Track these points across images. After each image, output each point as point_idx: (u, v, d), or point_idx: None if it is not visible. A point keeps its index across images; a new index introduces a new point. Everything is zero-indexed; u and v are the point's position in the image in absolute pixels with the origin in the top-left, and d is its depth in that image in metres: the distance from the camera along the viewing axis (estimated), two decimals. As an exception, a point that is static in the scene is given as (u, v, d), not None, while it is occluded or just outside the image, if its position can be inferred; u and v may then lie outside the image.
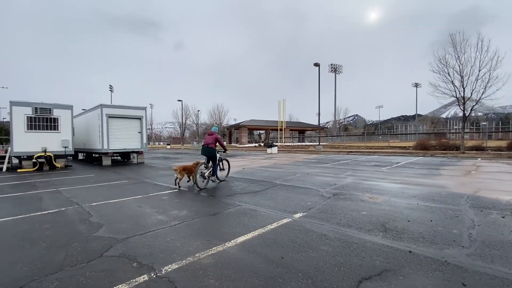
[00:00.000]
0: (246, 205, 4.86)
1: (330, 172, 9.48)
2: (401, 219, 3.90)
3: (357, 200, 5.07)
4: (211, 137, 7.23)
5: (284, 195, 5.62)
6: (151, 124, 67.40)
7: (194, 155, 22.43)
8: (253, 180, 7.80)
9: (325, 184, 6.92)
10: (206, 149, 7.13)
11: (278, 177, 8.38)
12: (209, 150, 7.11)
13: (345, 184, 6.89)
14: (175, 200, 5.41)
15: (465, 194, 5.50)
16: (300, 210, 4.43)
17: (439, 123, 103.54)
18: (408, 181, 7.18)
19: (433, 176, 8.07)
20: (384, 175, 8.43)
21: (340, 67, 77.62)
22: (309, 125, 64.47)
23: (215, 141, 7.22)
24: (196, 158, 19.05)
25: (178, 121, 48.53)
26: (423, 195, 5.48)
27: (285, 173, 9.23)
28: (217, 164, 7.46)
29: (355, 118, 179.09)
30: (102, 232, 3.57)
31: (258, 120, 56.10)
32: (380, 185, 6.73)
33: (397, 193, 5.71)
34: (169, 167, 12.51)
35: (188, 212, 4.46)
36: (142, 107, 15.52)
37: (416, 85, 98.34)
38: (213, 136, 7.28)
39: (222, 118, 43.98)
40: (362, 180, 7.45)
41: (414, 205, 4.65)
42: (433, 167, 10.65)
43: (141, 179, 8.57)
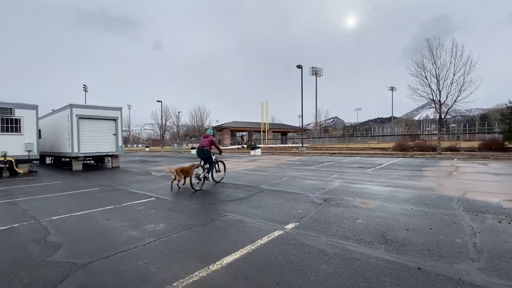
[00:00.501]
0: (231, 215, 4.41)
1: (317, 175, 9.25)
2: (400, 227, 3.64)
3: (349, 206, 4.79)
4: (207, 140, 7.33)
5: (272, 202, 5.23)
6: (128, 126, 64.70)
7: (174, 158, 21.53)
8: (238, 185, 7.35)
9: (314, 188, 6.63)
10: (201, 151, 7.25)
11: (264, 181, 7.99)
12: (205, 152, 7.23)
13: (334, 188, 6.64)
14: (152, 211, 4.84)
15: (455, 197, 5.41)
16: (291, 220, 4.05)
17: (413, 125, 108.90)
18: (396, 184, 7.08)
19: (418, 178, 8.07)
20: (371, 178, 8.32)
21: (321, 70, 79.24)
22: (291, 126, 64.99)
23: (210, 144, 7.33)
24: (177, 161, 18.28)
25: (157, 122, 46.82)
26: (414, 198, 5.32)
27: (271, 177, 8.86)
28: (213, 165, 7.59)
29: (334, 120, 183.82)
30: (59, 255, 2.97)
31: (241, 121, 55.62)
32: (369, 188, 6.55)
33: (388, 197, 5.52)
34: (147, 171, 11.73)
35: (165, 226, 3.93)
36: (117, 108, 14.53)
37: (391, 88, 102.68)
38: (208, 138, 7.36)
39: (203, 119, 43.03)
40: (350, 184, 7.25)
41: (408, 211, 4.45)
42: (415, 168, 10.79)
43: (114, 186, 7.82)
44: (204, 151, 7.24)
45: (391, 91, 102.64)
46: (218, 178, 8.04)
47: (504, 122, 18.53)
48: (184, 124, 62.35)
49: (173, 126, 50.51)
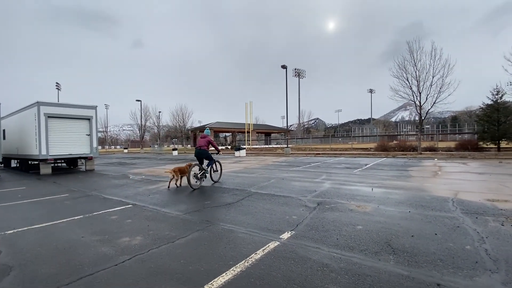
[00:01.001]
0: (219, 224, 3.96)
1: (305, 176, 8.98)
2: (403, 233, 3.37)
3: (345, 210, 4.49)
4: (204, 140, 7.51)
5: (263, 208, 4.82)
6: (106, 126, 61.73)
7: (154, 160, 20.55)
8: (224, 189, 6.88)
9: (305, 191, 6.31)
10: (199, 151, 7.42)
11: (252, 183, 7.57)
12: (202, 152, 7.43)
13: (325, 190, 6.36)
14: (127, 221, 4.27)
15: (448, 197, 5.30)
16: (286, 228, 3.67)
17: (390, 126, 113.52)
18: (386, 185, 6.94)
19: (406, 178, 8.01)
20: (360, 178, 8.17)
21: (304, 72, 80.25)
22: (275, 127, 65.13)
23: (208, 144, 7.53)
24: (158, 163, 17.36)
25: (137, 123, 44.90)
26: (408, 200, 5.14)
27: (259, 179, 8.47)
28: (212, 164, 7.80)
29: (316, 121, 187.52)
30: (7, 283, 2.38)
31: (224, 122, 54.86)
32: (361, 190, 6.33)
33: (382, 199, 5.31)
34: (124, 175, 10.92)
35: (143, 239, 3.40)
36: (91, 106, 13.50)
37: (370, 91, 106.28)
38: (205, 139, 7.55)
39: (186, 120, 41.79)
40: (341, 185, 7.02)
41: (407, 214, 4.22)
42: (401, 168, 10.85)
43: (86, 192, 7.07)
44: (202, 151, 7.40)
45: (370, 93, 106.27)
46: (215, 178, 8.14)
47: (479, 123, 19.42)
48: (165, 125, 60.54)
49: (153, 127, 48.73)
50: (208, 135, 7.77)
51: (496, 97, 18.48)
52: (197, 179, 7.09)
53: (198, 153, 7.43)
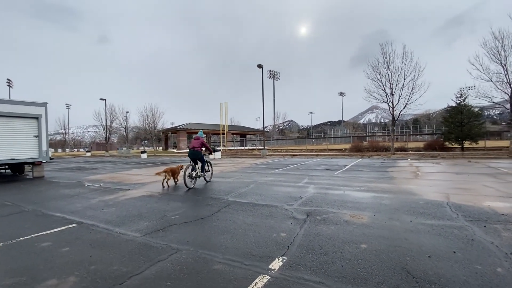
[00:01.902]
0: (189, 249, 3.07)
1: (287, 180, 8.31)
2: (418, 253, 2.77)
3: (340, 222, 3.84)
4: (197, 141, 7.79)
5: (244, 222, 4.00)
6: (65, 128, 56.43)
7: (119, 164, 18.71)
8: (197, 198, 5.94)
9: (289, 197, 5.61)
10: (192, 152, 7.71)
11: (230, 190, 6.71)
12: (196, 153, 7.70)
13: (311, 196, 5.71)
14: (63, 250, 3.20)
15: (443, 202, 4.91)
16: (276, 251, 2.89)
17: (359, 128, 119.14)
18: (373, 188, 6.50)
19: (390, 180, 7.70)
20: (343, 181, 7.69)
21: (278, 74, 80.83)
22: (251, 129, 64.57)
23: (201, 145, 7.83)
24: (122, 167, 15.65)
25: (102, 124, 41.52)
26: (403, 206, 4.65)
27: (237, 184, 7.62)
28: (205, 164, 8.10)
29: (290, 123, 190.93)
30: None
31: (198, 123, 53.01)
32: (348, 195, 5.78)
33: (376, 206, 4.77)
34: (79, 182, 9.43)
35: (77, 282, 2.41)
36: (40, 103, 11.66)
37: (341, 93, 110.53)
38: (199, 140, 7.84)
39: (156, 120, 39.43)
40: (326, 190, 6.44)
41: (409, 225, 3.67)
42: (380, 169, 10.67)
43: (22, 206, 5.69)
44: (195, 152, 7.69)
45: (340, 96, 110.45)
46: (208, 178, 8.42)
47: (444, 124, 20.44)
48: (134, 126, 57.06)
49: (120, 128, 45.47)
50: (202, 137, 8.03)
51: (460, 100, 19.56)
52: (191, 178, 7.36)
53: (192, 154, 7.70)
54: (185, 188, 7.13)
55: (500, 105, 15.23)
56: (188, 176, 7.20)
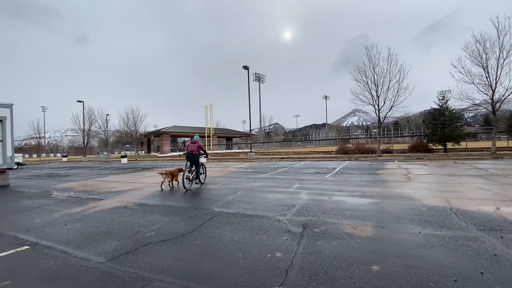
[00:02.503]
0: (160, 279, 2.46)
1: (276, 185, 7.81)
2: (440, 275, 2.32)
3: (343, 236, 3.36)
4: (195, 145, 8.01)
5: (231, 239, 3.43)
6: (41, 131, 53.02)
7: (96, 170, 17.52)
8: (177, 208, 5.29)
9: (281, 206, 5.09)
10: (190, 155, 7.91)
11: (215, 198, 6.11)
12: (193, 156, 7.90)
13: (304, 203, 5.23)
14: (3, 284, 2.49)
15: (445, 208, 4.58)
16: (272, 280, 2.35)
17: (342, 130, 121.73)
18: (368, 193, 6.13)
19: (383, 184, 7.39)
20: (336, 186, 7.30)
21: (264, 77, 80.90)
22: (237, 132, 63.97)
23: (198, 148, 8.06)
24: (99, 173, 14.46)
25: (79, 127, 39.33)
26: (406, 214, 4.26)
27: (223, 191, 7.02)
28: (202, 167, 8.45)
29: (276, 126, 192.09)
30: None
31: (182, 126, 51.69)
32: (344, 201, 5.35)
33: (377, 214, 4.35)
34: (47, 191, 8.47)
35: None
36: (5, 104, 10.55)
37: (325, 97, 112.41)
38: (196, 144, 8.05)
39: (138, 124, 37.84)
40: (320, 196, 5.99)
41: (420, 238, 3.26)
42: (370, 172, 10.43)
43: (-33, 224, 4.80)
44: (193, 155, 7.90)
45: (325, 100, 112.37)
46: (203, 180, 8.66)
47: (428, 126, 20.83)
48: (116, 130, 54.77)
49: (100, 132, 43.34)
50: (198, 141, 8.25)
51: (442, 102, 19.99)
52: (189, 181, 7.64)
53: (190, 157, 7.91)
54: (162, 195, 6.46)
55: (483, 107, 15.60)
56: (186, 178, 7.51)
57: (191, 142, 8.16)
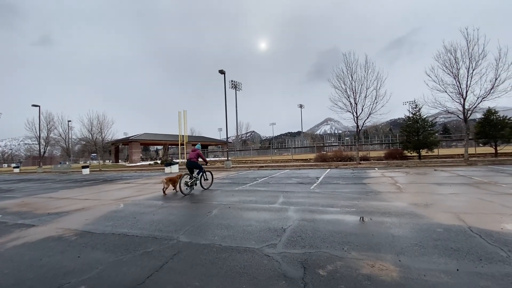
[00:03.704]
0: None
1: (258, 199, 6.75)
2: None
3: (362, 284, 2.38)
4: (194, 153, 8.58)
5: (202, 296, 2.30)
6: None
7: (48, 183, 15.17)
8: (130, 239, 3.99)
9: (268, 231, 4.04)
10: (190, 162, 8.50)
11: (183, 222, 4.88)
12: (192, 163, 8.48)
13: (296, 226, 4.23)
14: None
15: (463, 227, 3.84)
16: None
17: (316, 138, 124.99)
18: (365, 208, 5.30)
19: (376, 196, 6.66)
20: (326, 199, 6.43)
21: (240, 84, 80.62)
22: (212, 139, 62.28)
23: (197, 156, 8.58)
24: (49, 188, 12.25)
25: (35, 134, 35.25)
26: (425, 240, 3.43)
27: (194, 210, 5.81)
28: (202, 174, 8.76)
29: (252, 134, 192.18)
30: None
31: (154, 133, 48.92)
32: (343, 221, 4.44)
33: (388, 240, 3.46)
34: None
35: None
36: None
37: (300, 106, 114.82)
38: (195, 152, 8.60)
39: (104, 131, 34.84)
40: (311, 213, 5.04)
41: (462, 278, 2.39)
42: (356, 181, 9.79)
43: None
44: (192, 162, 8.45)
45: (300, 108, 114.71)
46: (206, 186, 9.09)
47: (403, 133, 21.21)
48: (82, 137, 50.34)
49: (60, 139, 39.31)
50: (198, 149, 8.77)
51: (415, 110, 20.47)
52: (187, 186, 8.11)
53: (190, 164, 8.48)
54: (114, 217, 5.10)
55: (455, 115, 16.00)
56: (184, 183, 8.02)
57: (192, 150, 8.80)
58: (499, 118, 18.56)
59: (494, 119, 18.60)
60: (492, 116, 18.71)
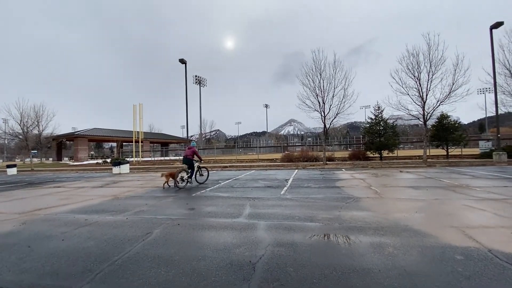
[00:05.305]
0: None
1: (218, 211, 5.37)
2: None
3: None
4: (190, 151, 9.44)
5: None
6: None
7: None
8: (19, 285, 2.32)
9: (230, 269, 2.70)
10: (185, 159, 9.35)
11: (102, 254, 3.27)
12: (188, 160, 9.31)
13: (270, 259, 2.96)
14: None
15: (483, 252, 2.96)
16: None
17: (281, 139, 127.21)
18: (351, 222, 4.28)
19: (357, 203, 5.77)
20: (301, 209, 5.33)
21: (205, 80, 77.53)
22: (174, 137, 58.70)
23: (193, 154, 9.42)
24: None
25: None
26: (450, 275, 2.43)
27: (126, 231, 4.20)
28: (195, 170, 9.68)
29: (217, 133, 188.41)
30: None
31: (105, 129, 44.03)
32: (333, 247, 3.32)
33: (404, 279, 2.39)
34: None
35: None
36: None
37: (266, 106, 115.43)
38: (191, 149, 9.47)
39: (42, 124, 29.85)
40: (288, 232, 3.85)
41: None
42: (328, 184, 8.97)
43: None
44: (187, 159, 9.32)
45: (265, 108, 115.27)
46: (201, 180, 9.99)
47: (366, 135, 21.56)
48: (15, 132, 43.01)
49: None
50: (194, 147, 9.59)
51: (378, 112, 20.89)
52: (182, 181, 8.86)
53: (185, 161, 9.31)
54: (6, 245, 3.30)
55: (415, 117, 16.44)
56: (180, 178, 8.72)
57: (188, 148, 9.59)
58: (451, 122, 19.80)
59: (446, 123, 19.79)
60: (444, 120, 19.89)
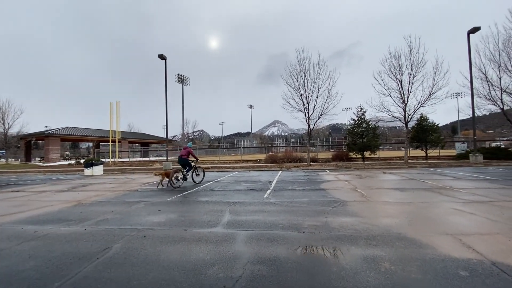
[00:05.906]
0: None
1: (193, 219, 4.81)
2: None
3: None
4: (185, 151, 9.73)
5: None
6: None
7: None
8: None
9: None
10: (180, 159, 9.67)
11: (38, 278, 2.62)
12: (183, 160, 9.62)
13: (248, 283, 2.48)
14: None
15: (487, 264, 2.65)
16: None
17: (265, 139, 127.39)
18: (340, 230, 3.90)
19: (344, 208, 5.43)
20: (285, 215, 4.90)
21: (188, 79, 75.80)
22: (155, 137, 56.79)
23: (188, 154, 9.70)
24: None
25: None
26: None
27: (80, 246, 3.54)
28: (191, 170, 9.97)
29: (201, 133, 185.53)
30: None
31: (80, 128, 41.61)
32: (321, 264, 2.89)
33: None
34: None
35: None
36: None
37: (250, 106, 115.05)
38: (186, 149, 9.77)
39: (8, 122, 27.61)
40: (270, 245, 3.38)
41: None
42: (313, 186, 8.64)
43: None
44: (182, 159, 9.62)
45: (250, 109, 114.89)
46: (197, 180, 10.18)
47: (349, 136, 21.68)
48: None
49: None
50: (189, 147, 9.91)
51: (360, 114, 21.05)
52: (177, 180, 9.10)
53: (180, 161, 9.68)
54: None
55: (397, 119, 16.65)
56: (174, 178, 9.05)
57: (183, 148, 9.87)
58: (429, 124, 20.32)
59: (425, 125, 20.29)
60: (424, 122, 20.38)
